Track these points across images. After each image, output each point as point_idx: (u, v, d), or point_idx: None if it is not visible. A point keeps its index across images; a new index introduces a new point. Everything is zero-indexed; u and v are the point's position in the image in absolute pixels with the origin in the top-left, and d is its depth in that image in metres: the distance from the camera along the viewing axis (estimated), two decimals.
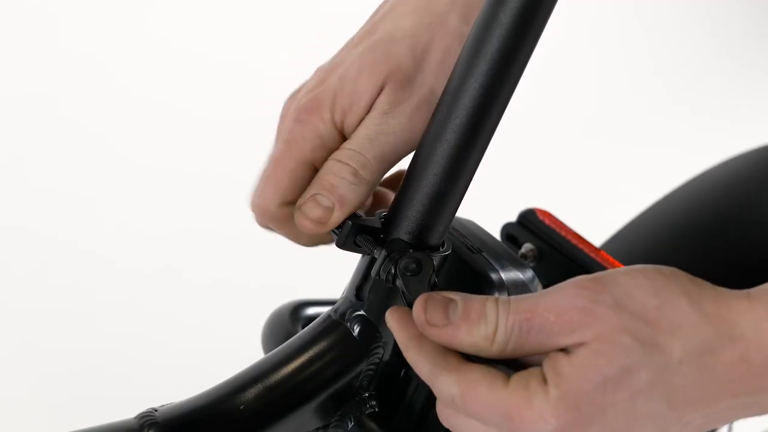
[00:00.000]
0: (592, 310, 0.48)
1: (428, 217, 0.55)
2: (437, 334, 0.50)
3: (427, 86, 0.58)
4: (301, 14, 2.16)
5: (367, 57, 0.58)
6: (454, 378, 0.49)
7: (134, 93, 1.98)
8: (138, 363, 1.56)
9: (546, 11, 0.50)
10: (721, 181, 0.92)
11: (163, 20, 2.11)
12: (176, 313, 1.64)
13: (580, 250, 0.70)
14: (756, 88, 2.39)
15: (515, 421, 0.47)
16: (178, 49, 2.07)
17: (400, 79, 0.58)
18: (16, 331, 1.57)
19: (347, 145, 0.57)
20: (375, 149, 0.57)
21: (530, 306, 0.49)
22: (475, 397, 0.48)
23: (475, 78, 0.52)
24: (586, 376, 0.47)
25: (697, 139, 2.21)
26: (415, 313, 0.51)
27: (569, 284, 0.49)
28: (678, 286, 0.49)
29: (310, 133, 0.58)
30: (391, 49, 0.58)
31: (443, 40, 0.59)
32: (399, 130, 0.57)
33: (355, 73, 0.58)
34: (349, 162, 0.57)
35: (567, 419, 0.47)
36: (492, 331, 0.49)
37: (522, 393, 0.48)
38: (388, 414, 0.62)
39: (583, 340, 0.48)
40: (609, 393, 0.47)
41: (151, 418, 0.54)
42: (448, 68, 0.56)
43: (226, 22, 2.15)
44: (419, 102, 0.58)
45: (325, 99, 0.58)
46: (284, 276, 1.61)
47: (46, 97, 1.92)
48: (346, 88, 0.58)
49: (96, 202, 1.79)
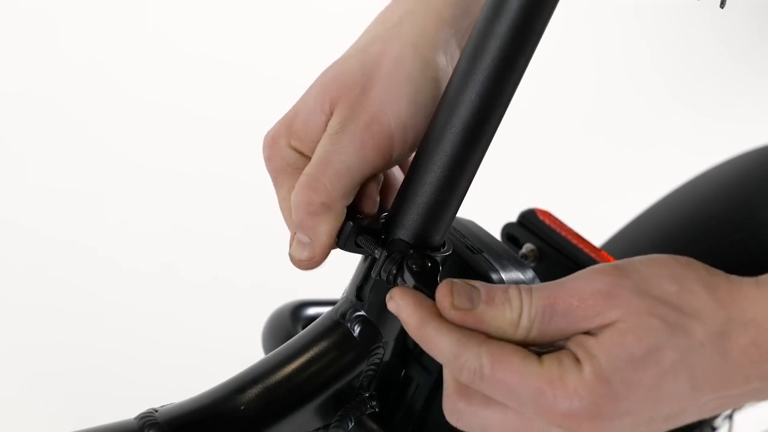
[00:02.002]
0: (615, 294, 0.49)
1: (429, 217, 0.55)
2: (463, 318, 0.50)
3: (376, 104, 0.57)
4: (300, 14, 2.16)
5: (320, 81, 0.59)
6: (484, 348, 0.49)
7: (135, 93, 1.98)
8: (139, 363, 1.56)
9: (544, 20, 0.51)
10: (721, 181, 0.92)
11: (163, 20, 2.11)
12: (177, 312, 1.64)
13: (580, 250, 0.70)
14: (756, 87, 2.39)
15: (547, 396, 0.48)
16: (178, 48, 2.07)
17: (348, 98, 0.57)
18: (16, 330, 1.57)
19: (305, 170, 0.58)
20: (329, 170, 0.56)
21: (553, 292, 0.49)
22: (508, 369, 0.48)
23: (474, 82, 0.52)
24: (617, 354, 0.48)
25: (697, 139, 2.21)
26: (439, 297, 0.50)
27: (590, 271, 0.50)
28: (695, 273, 0.50)
29: (279, 165, 0.60)
30: (342, 69, 0.59)
31: (394, 48, 0.58)
32: (351, 148, 0.57)
33: (307, 100, 0.59)
34: (304, 193, 0.57)
35: (599, 395, 0.48)
36: (517, 315, 0.49)
37: (556, 369, 0.48)
38: (388, 414, 0.62)
39: (607, 321, 0.48)
40: (639, 371, 0.48)
41: (152, 418, 0.54)
42: (400, 77, 0.57)
43: (226, 22, 2.15)
44: (369, 120, 0.57)
45: (280, 129, 0.60)
46: (284, 276, 1.61)
47: (46, 96, 1.92)
48: (300, 115, 0.59)
49: (96, 201, 1.78)
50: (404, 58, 0.58)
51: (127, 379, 1.52)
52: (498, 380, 0.49)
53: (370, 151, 0.57)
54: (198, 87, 2.02)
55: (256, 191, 1.37)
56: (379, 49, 0.58)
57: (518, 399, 0.49)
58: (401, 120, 0.57)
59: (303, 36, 2.07)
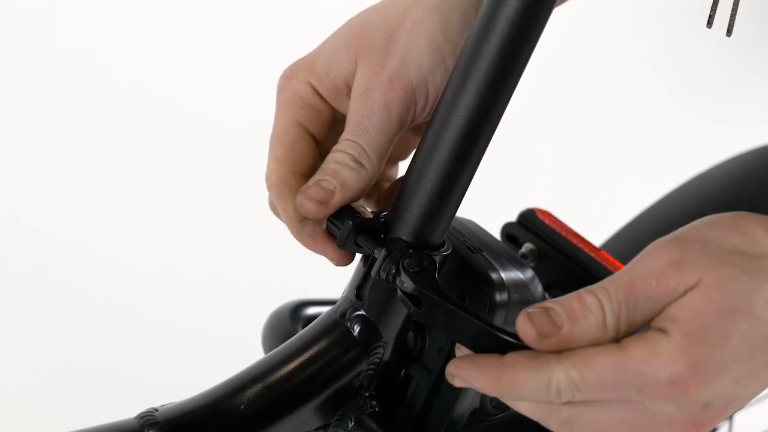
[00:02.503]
0: (687, 259, 0.48)
1: (428, 216, 0.55)
2: (554, 343, 0.49)
3: (397, 60, 0.59)
4: (301, 15, 2.16)
5: (342, 33, 0.61)
6: (565, 364, 0.48)
7: (134, 92, 1.98)
8: (138, 363, 1.55)
9: (543, 19, 0.51)
10: (721, 181, 0.92)
11: (164, 19, 2.11)
12: (176, 312, 1.64)
13: (580, 249, 0.70)
14: (756, 87, 2.39)
15: (645, 375, 0.47)
16: (178, 48, 2.07)
17: (371, 57, 0.59)
18: (17, 330, 1.57)
19: (342, 137, 0.59)
20: (365, 134, 0.58)
21: (627, 280, 0.49)
22: (599, 369, 0.48)
23: (473, 80, 0.52)
24: (704, 311, 0.47)
25: (697, 139, 2.21)
26: (521, 328, 0.49)
27: (653, 248, 0.50)
28: (748, 220, 0.50)
29: (290, 95, 0.61)
30: (365, 25, 0.61)
31: (416, 9, 0.60)
32: (377, 108, 0.58)
33: (331, 45, 0.61)
34: (347, 150, 0.58)
35: (695, 354, 0.47)
36: (601, 319, 0.49)
37: (642, 346, 0.48)
38: (388, 414, 0.62)
39: (688, 286, 0.48)
40: (731, 321, 0.48)
41: (152, 417, 0.54)
42: (420, 34, 0.58)
43: (227, 22, 2.15)
44: (390, 77, 0.58)
45: (301, 65, 0.62)
46: (284, 276, 1.61)
47: (45, 95, 1.92)
48: (322, 57, 0.61)
49: (96, 201, 1.78)
50: (425, 17, 0.59)
51: (127, 379, 1.52)
52: (594, 384, 0.48)
53: (394, 107, 0.58)
54: (198, 87, 2.02)
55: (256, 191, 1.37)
56: (402, 9, 0.60)
57: (621, 391, 0.48)
58: (422, 74, 0.58)
59: (303, 37, 2.07)
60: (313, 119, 0.61)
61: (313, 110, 0.61)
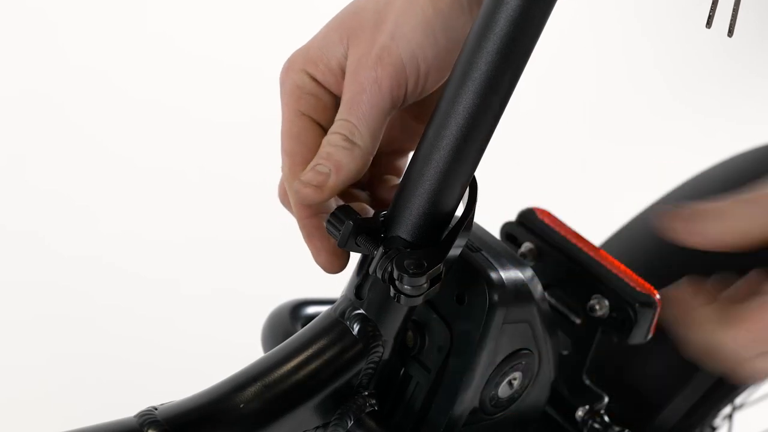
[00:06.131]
0: None
1: (427, 215, 0.55)
2: None
3: (386, 36, 0.59)
4: (301, 15, 2.16)
5: (335, 19, 0.62)
6: None
7: (133, 95, 1.98)
8: (138, 365, 1.56)
9: (543, 18, 0.51)
10: (720, 180, 0.92)
11: (163, 21, 2.11)
12: (176, 314, 1.64)
13: (580, 249, 0.70)
14: (756, 87, 2.39)
15: None
16: (178, 50, 2.07)
17: (362, 36, 0.60)
18: (18, 333, 1.57)
19: (336, 117, 0.60)
20: (356, 111, 0.59)
21: None
22: None
23: (474, 78, 0.52)
24: None
25: (697, 138, 2.21)
26: None
27: None
28: None
29: (291, 87, 0.62)
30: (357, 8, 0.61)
31: None
32: (368, 84, 0.58)
33: (324, 31, 0.62)
34: (339, 130, 0.59)
35: None
36: None
37: None
38: (387, 413, 0.62)
39: None
40: None
41: (151, 416, 0.54)
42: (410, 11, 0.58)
43: (226, 24, 2.15)
44: (379, 52, 0.59)
45: (297, 56, 0.62)
46: (284, 276, 1.61)
47: (45, 99, 1.93)
48: (316, 43, 0.62)
49: (97, 206, 1.79)
50: None
51: (127, 381, 1.52)
52: None
53: (385, 83, 0.58)
54: (199, 91, 2.02)
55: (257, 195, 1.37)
56: None
57: None
58: (411, 49, 0.58)
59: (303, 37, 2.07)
60: (316, 107, 0.61)
61: (314, 98, 0.61)
